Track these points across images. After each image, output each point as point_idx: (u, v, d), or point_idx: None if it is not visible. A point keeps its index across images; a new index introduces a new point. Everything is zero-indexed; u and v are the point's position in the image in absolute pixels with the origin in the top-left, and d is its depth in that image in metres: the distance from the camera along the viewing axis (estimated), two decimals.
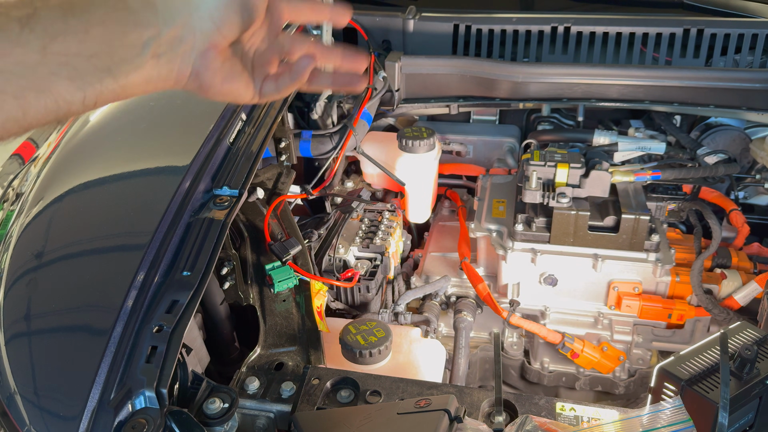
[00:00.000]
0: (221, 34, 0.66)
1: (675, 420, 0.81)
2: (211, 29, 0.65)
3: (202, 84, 0.67)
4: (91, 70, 0.57)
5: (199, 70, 0.66)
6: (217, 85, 0.68)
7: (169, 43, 0.62)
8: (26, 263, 1.06)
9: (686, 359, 0.87)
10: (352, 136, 1.54)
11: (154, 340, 0.85)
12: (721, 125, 1.69)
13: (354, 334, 1.11)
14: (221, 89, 0.69)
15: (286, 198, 1.34)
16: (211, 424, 0.85)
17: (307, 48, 0.77)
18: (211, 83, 0.68)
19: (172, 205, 1.04)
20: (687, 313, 1.37)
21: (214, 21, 0.65)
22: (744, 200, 1.74)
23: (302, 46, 0.77)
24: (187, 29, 0.63)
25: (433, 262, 1.60)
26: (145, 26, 0.60)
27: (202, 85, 0.67)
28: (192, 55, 0.65)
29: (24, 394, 0.87)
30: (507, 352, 1.54)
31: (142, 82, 0.61)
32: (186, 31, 0.63)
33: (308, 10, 0.76)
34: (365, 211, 1.61)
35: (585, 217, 1.33)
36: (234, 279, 1.18)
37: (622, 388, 1.46)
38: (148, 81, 0.62)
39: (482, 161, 1.84)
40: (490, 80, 1.64)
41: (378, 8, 1.89)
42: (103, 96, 0.58)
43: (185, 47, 0.63)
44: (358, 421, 0.84)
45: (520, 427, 0.81)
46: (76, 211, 1.14)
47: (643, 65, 1.70)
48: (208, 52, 0.66)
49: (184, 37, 0.63)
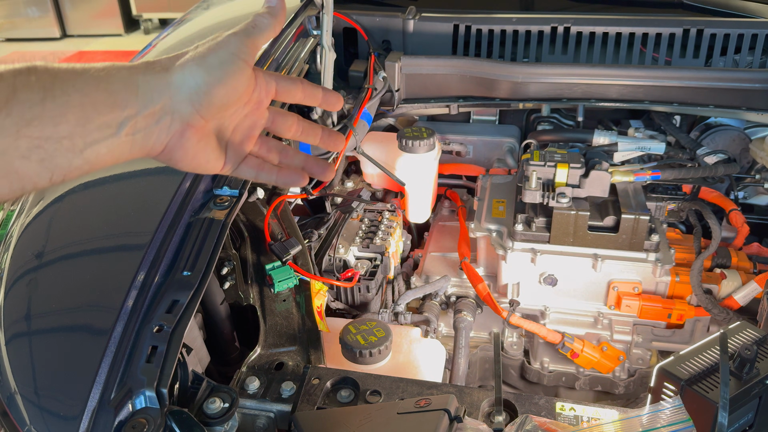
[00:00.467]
0: (200, 116, 0.66)
1: (675, 420, 0.81)
2: (190, 112, 0.65)
3: (172, 158, 0.68)
4: (62, 152, 0.56)
5: (173, 147, 0.66)
6: (188, 159, 0.69)
7: (146, 122, 0.62)
8: (26, 263, 1.06)
9: (686, 359, 0.87)
10: (352, 136, 1.54)
11: (154, 340, 0.85)
12: (720, 125, 1.69)
13: (354, 334, 1.11)
14: (191, 163, 0.69)
15: (286, 198, 1.34)
16: (212, 424, 0.85)
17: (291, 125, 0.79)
18: (182, 158, 0.68)
19: (173, 204, 1.04)
20: (687, 313, 1.37)
21: (193, 104, 0.65)
22: (744, 200, 1.74)
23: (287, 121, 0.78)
24: (166, 110, 0.63)
25: (433, 262, 1.60)
26: (122, 108, 0.60)
27: (172, 159, 0.68)
28: (168, 134, 0.65)
29: (24, 393, 0.87)
30: (507, 352, 1.54)
31: (111, 159, 0.62)
32: (164, 112, 0.63)
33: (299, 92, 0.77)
34: (365, 211, 1.61)
35: (585, 217, 1.33)
36: (234, 279, 1.18)
37: (621, 388, 1.46)
38: (118, 157, 0.62)
39: (482, 161, 1.84)
40: (490, 80, 1.65)
41: (378, 8, 1.89)
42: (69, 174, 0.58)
43: (161, 126, 0.64)
44: (358, 421, 0.84)
45: (520, 426, 0.81)
46: (77, 211, 1.14)
47: (643, 65, 1.70)
48: (186, 132, 0.66)
49: (161, 117, 0.63)
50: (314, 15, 1.68)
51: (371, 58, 1.70)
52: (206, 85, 0.64)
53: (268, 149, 0.79)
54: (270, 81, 0.74)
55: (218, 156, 0.72)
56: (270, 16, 0.70)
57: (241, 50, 0.66)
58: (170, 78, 0.63)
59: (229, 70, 0.65)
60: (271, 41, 1.50)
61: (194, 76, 0.64)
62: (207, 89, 0.65)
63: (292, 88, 0.76)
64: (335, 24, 1.71)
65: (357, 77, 1.70)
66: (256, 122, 0.75)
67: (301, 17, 1.65)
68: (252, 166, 0.78)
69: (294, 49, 1.55)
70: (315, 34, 1.65)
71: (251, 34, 0.68)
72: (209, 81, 0.65)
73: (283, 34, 1.56)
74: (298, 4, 1.70)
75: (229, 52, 0.66)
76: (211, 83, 0.65)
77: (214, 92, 0.65)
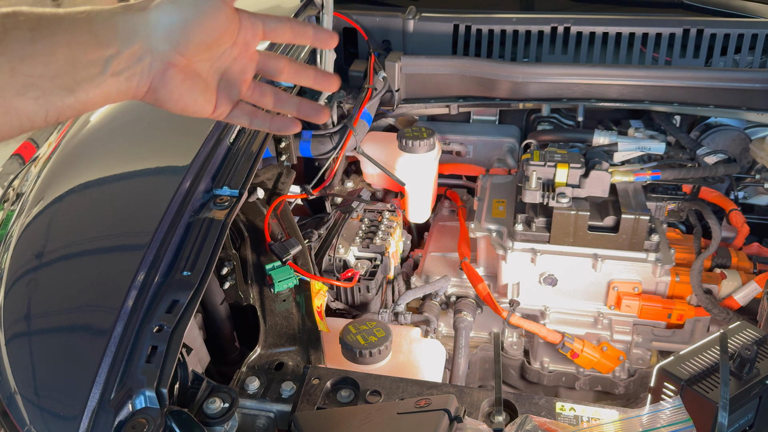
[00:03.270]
0: (180, 54, 0.67)
1: (675, 420, 0.81)
2: (167, 50, 0.66)
3: (157, 98, 0.69)
4: (54, 90, 0.59)
5: (156, 87, 0.68)
6: (173, 100, 0.70)
7: (128, 62, 0.64)
8: (26, 263, 1.06)
9: (686, 359, 0.87)
10: (352, 136, 1.54)
11: (154, 340, 0.85)
12: (720, 125, 1.69)
13: (354, 334, 1.11)
14: (177, 104, 0.71)
15: (286, 198, 1.34)
16: (212, 424, 0.85)
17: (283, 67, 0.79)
18: (168, 98, 0.70)
19: (173, 205, 1.04)
20: (687, 313, 1.37)
21: (170, 42, 0.66)
22: (744, 200, 1.74)
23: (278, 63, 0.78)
24: (145, 49, 0.65)
25: (433, 262, 1.60)
26: (106, 46, 0.62)
27: (158, 100, 0.70)
28: (149, 73, 0.66)
29: (24, 393, 0.87)
30: (507, 352, 1.54)
31: (101, 98, 0.64)
32: (144, 51, 0.65)
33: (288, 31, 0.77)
34: (365, 211, 1.61)
35: (585, 217, 1.33)
36: (234, 279, 1.18)
37: (621, 388, 1.46)
38: (107, 96, 0.64)
39: (482, 161, 1.84)
40: (490, 80, 1.65)
41: (378, 8, 1.89)
42: (63, 112, 0.61)
43: (143, 65, 0.65)
44: (358, 421, 0.84)
45: (520, 426, 0.81)
46: (77, 211, 1.14)
47: (643, 65, 1.70)
48: (168, 71, 0.68)
49: (142, 56, 0.65)
50: (314, 15, 1.68)
51: (371, 58, 1.70)
52: (181, 23, 0.66)
53: (262, 93, 0.80)
54: (256, 22, 0.74)
55: (207, 99, 0.73)
56: None
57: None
58: (147, 16, 0.65)
59: (203, 8, 0.67)
60: (270, 41, 1.50)
61: (169, 14, 0.66)
62: (182, 26, 0.66)
63: (280, 27, 0.76)
64: (335, 24, 1.71)
65: (357, 77, 1.70)
66: (246, 65, 0.76)
67: (301, 17, 1.65)
68: (246, 113, 0.79)
69: (294, 49, 1.55)
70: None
71: None
72: (184, 18, 0.66)
73: None
74: (298, 4, 1.70)
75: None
76: (186, 20, 0.66)
77: (189, 29, 0.66)
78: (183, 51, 0.67)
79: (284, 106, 0.82)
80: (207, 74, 0.72)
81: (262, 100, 0.80)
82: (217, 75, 0.74)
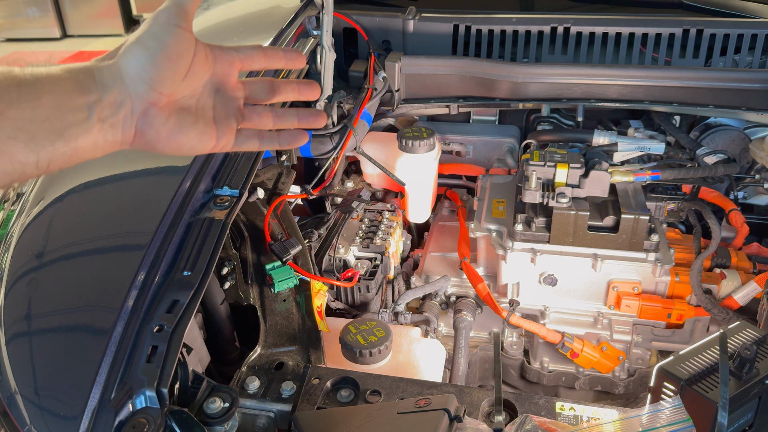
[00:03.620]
0: (157, 92, 0.69)
1: (674, 420, 0.81)
2: (144, 89, 0.68)
3: (147, 141, 0.71)
4: (44, 134, 0.61)
5: (143, 129, 0.69)
6: (163, 140, 0.71)
7: (110, 108, 0.66)
8: (27, 263, 1.06)
9: (686, 359, 0.87)
10: (352, 136, 1.54)
11: (154, 340, 0.85)
12: (720, 125, 1.69)
13: (354, 334, 1.11)
14: (169, 143, 0.72)
15: (287, 198, 1.34)
16: (212, 424, 0.85)
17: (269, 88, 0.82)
18: (157, 139, 0.71)
19: (173, 205, 1.04)
20: (686, 313, 1.37)
21: (144, 81, 0.68)
22: (743, 200, 1.74)
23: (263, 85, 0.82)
24: (123, 93, 0.67)
25: (433, 262, 1.60)
26: (88, 93, 0.64)
27: (148, 142, 0.71)
28: (132, 117, 0.68)
29: (25, 393, 0.87)
30: (507, 352, 1.54)
31: (90, 147, 0.65)
32: (122, 96, 0.67)
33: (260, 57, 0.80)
34: (365, 211, 1.61)
35: (584, 217, 1.33)
36: (234, 279, 1.18)
37: (621, 388, 1.46)
38: (95, 145, 0.66)
39: (482, 161, 1.84)
40: (490, 80, 1.65)
41: (378, 8, 1.89)
42: (55, 159, 0.63)
43: (125, 110, 0.67)
44: (358, 421, 0.84)
45: (519, 426, 0.81)
46: (77, 211, 1.14)
47: (643, 65, 1.70)
48: (149, 111, 0.69)
49: (122, 102, 0.67)
50: (314, 15, 1.68)
51: (371, 58, 1.70)
52: (148, 58, 0.67)
53: (259, 115, 0.82)
54: (230, 52, 0.77)
55: (202, 132, 0.75)
56: None
57: (171, 18, 0.69)
58: (117, 63, 0.67)
59: (165, 38, 0.68)
60: (271, 41, 1.50)
61: (135, 55, 0.68)
62: (151, 62, 0.68)
63: (254, 54, 0.79)
64: (335, 24, 1.71)
65: (357, 77, 1.70)
66: (233, 94, 0.79)
67: (301, 17, 1.65)
68: (251, 136, 0.82)
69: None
70: (315, 35, 1.65)
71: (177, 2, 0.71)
72: (150, 54, 0.68)
73: (283, 34, 1.56)
74: (298, 4, 1.70)
75: (161, 23, 0.69)
76: (153, 55, 0.68)
77: (159, 64, 0.68)
78: (159, 87, 0.68)
79: (284, 120, 0.85)
80: (196, 109, 0.74)
81: (262, 121, 0.82)
82: (209, 109, 0.76)
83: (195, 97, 0.74)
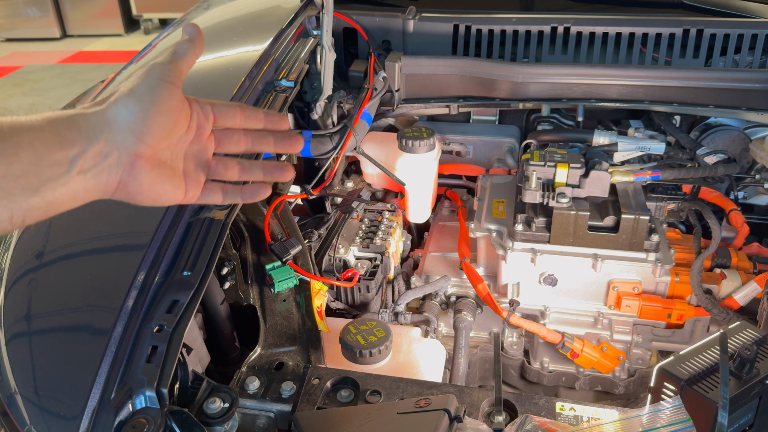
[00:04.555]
0: (145, 144, 0.68)
1: (675, 420, 0.81)
2: (132, 142, 0.67)
3: (129, 192, 0.70)
4: (18, 191, 0.59)
5: (127, 181, 0.69)
6: (143, 191, 0.71)
7: (94, 160, 0.65)
8: (26, 263, 1.06)
9: (686, 359, 0.87)
10: (352, 136, 1.54)
11: (154, 340, 0.85)
12: (720, 125, 1.69)
13: (354, 334, 1.11)
14: (149, 195, 0.72)
15: (287, 198, 1.34)
16: (212, 424, 0.85)
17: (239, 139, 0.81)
18: (138, 190, 0.70)
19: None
20: (687, 313, 1.37)
21: (134, 133, 0.67)
22: (744, 200, 1.74)
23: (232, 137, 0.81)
24: (110, 145, 0.66)
25: (433, 262, 1.60)
26: (70, 146, 0.63)
27: (129, 194, 0.70)
28: (118, 168, 0.67)
29: (24, 393, 0.87)
30: (507, 352, 1.54)
31: (68, 198, 0.64)
32: (109, 147, 0.66)
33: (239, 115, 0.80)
34: (365, 211, 1.61)
35: (585, 217, 1.33)
36: (234, 279, 1.18)
37: (621, 388, 1.46)
38: (74, 196, 0.65)
39: (482, 161, 1.84)
40: (490, 80, 1.65)
41: (378, 8, 1.89)
42: (29, 214, 0.61)
43: (110, 161, 0.66)
44: (358, 421, 0.84)
45: (519, 426, 0.81)
46: (77, 211, 1.14)
47: (643, 65, 1.70)
48: (136, 163, 0.69)
49: (108, 152, 0.66)
50: (314, 15, 1.68)
51: (371, 58, 1.70)
52: (141, 111, 0.67)
53: (225, 167, 0.82)
54: (206, 106, 0.77)
55: (176, 185, 0.74)
56: (189, 43, 0.74)
57: (166, 74, 0.70)
58: (106, 113, 0.66)
59: (158, 93, 0.68)
60: (271, 41, 1.50)
61: (127, 106, 0.67)
62: (143, 115, 0.67)
63: (230, 111, 0.79)
64: (335, 24, 1.71)
65: (357, 77, 1.70)
66: (204, 147, 0.78)
67: (301, 17, 1.65)
68: (215, 190, 0.81)
69: (294, 49, 1.55)
70: (315, 34, 1.65)
71: (173, 60, 0.71)
72: (142, 107, 0.67)
73: (283, 34, 1.56)
74: (298, 4, 1.70)
75: (156, 78, 0.69)
76: (145, 108, 0.68)
77: (150, 118, 0.68)
78: (147, 140, 0.68)
79: (250, 173, 0.84)
80: (170, 161, 0.74)
81: (227, 173, 0.82)
82: (180, 161, 0.75)
83: (170, 149, 0.73)
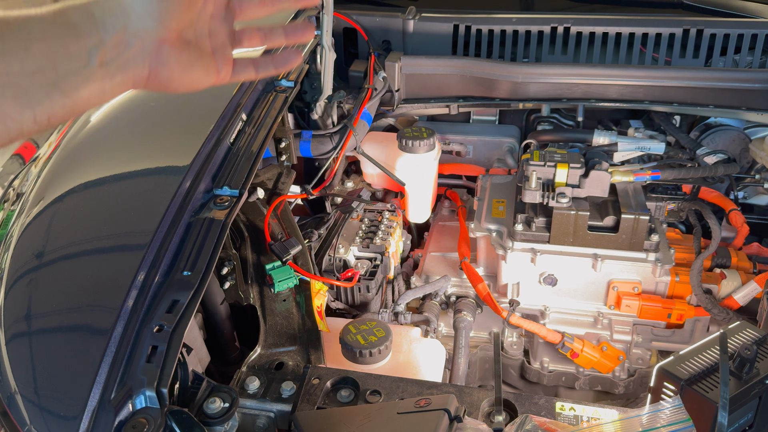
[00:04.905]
0: (167, 27, 0.64)
1: (674, 419, 0.81)
2: (154, 25, 0.63)
3: (161, 81, 0.66)
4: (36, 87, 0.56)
5: (157, 69, 0.65)
6: (176, 77, 0.67)
7: (116, 50, 0.61)
8: (27, 263, 1.06)
9: (686, 359, 0.87)
10: (352, 136, 1.54)
11: (154, 340, 0.85)
12: (720, 125, 1.69)
13: (354, 334, 1.11)
14: (182, 81, 0.68)
15: (287, 198, 1.34)
16: (212, 424, 0.85)
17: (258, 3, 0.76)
18: (171, 77, 0.67)
19: (173, 205, 1.04)
20: (686, 313, 1.37)
21: (154, 17, 0.63)
22: (743, 200, 1.74)
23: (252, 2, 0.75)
24: (131, 32, 0.62)
25: (433, 262, 1.60)
26: (86, 36, 0.58)
27: (162, 82, 0.66)
28: (144, 56, 0.63)
29: (24, 393, 0.87)
30: (507, 352, 1.54)
31: (96, 94, 0.60)
32: (130, 35, 0.62)
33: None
34: (365, 211, 1.61)
35: (585, 217, 1.33)
36: (234, 279, 1.18)
37: (621, 388, 1.46)
38: (102, 91, 0.61)
39: (482, 161, 1.84)
40: (490, 80, 1.65)
41: (378, 8, 1.89)
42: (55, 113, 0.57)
43: (134, 50, 0.62)
44: (358, 421, 0.84)
45: (519, 426, 0.81)
46: (77, 211, 1.14)
47: (643, 65, 1.70)
48: (162, 48, 0.65)
49: (129, 41, 0.62)
50: (314, 15, 1.68)
51: (371, 58, 1.70)
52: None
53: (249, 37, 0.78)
54: None
55: (207, 66, 0.71)
56: None
57: None
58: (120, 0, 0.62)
59: None
60: None
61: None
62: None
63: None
64: (335, 24, 1.71)
65: (357, 77, 1.70)
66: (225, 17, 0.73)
67: (301, 17, 1.65)
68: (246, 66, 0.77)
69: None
70: (315, 34, 1.65)
71: None
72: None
73: None
74: None
75: None
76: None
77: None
78: (168, 22, 0.64)
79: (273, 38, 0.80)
80: (196, 41, 0.69)
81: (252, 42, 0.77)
82: (206, 39, 0.71)
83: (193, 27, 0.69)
